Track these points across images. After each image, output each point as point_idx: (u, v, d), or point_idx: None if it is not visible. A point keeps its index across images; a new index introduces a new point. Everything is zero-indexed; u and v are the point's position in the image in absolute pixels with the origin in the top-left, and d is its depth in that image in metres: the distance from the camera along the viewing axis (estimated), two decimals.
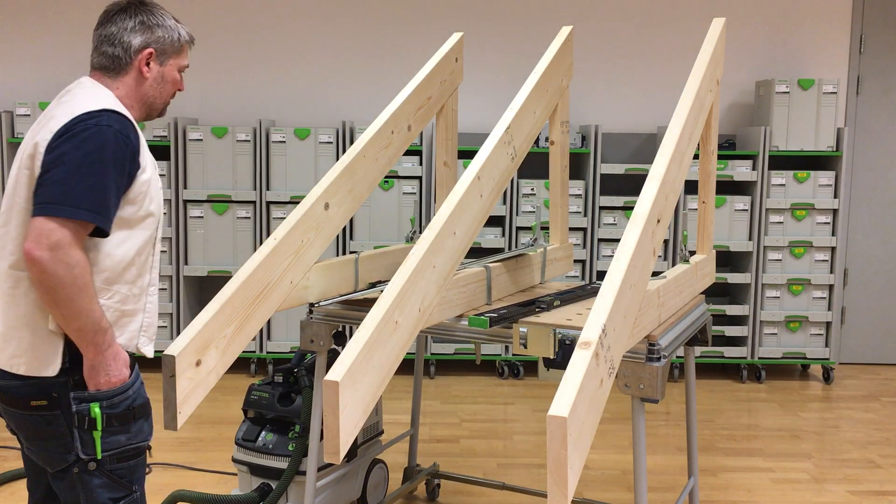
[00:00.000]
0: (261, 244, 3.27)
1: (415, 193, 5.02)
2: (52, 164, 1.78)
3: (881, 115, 5.53)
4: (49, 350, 1.86)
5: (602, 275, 5.08)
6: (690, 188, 5.01)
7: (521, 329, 2.22)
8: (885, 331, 5.65)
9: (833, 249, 5.13)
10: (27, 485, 2.11)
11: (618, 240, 5.03)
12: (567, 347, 2.15)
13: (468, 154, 4.63)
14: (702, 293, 2.81)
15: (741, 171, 5.06)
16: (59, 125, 1.82)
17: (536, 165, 4.81)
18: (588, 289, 2.76)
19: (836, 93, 5.04)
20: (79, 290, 1.78)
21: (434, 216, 2.17)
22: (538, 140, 5.00)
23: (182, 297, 5.05)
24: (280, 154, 4.99)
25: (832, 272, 5.14)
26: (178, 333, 4.89)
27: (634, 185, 5.20)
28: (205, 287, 5.31)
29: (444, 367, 5.33)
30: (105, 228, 1.82)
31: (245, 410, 3.15)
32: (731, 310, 5.15)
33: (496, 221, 5.13)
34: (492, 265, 2.62)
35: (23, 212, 1.85)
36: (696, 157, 2.73)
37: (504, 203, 5.02)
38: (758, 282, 5.11)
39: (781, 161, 5.27)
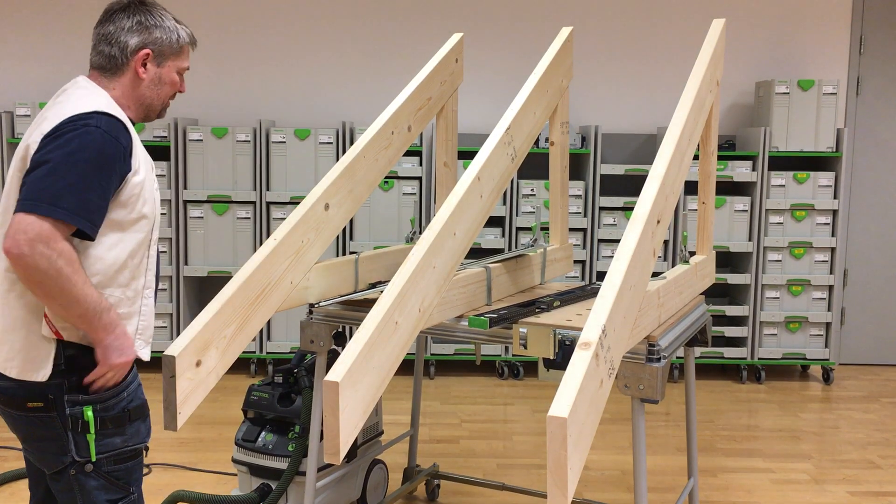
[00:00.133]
0: (261, 245, 3.27)
1: (415, 194, 5.02)
2: (36, 164, 1.78)
3: (881, 116, 5.53)
4: (40, 354, 1.85)
5: (602, 275, 5.08)
6: (690, 189, 5.02)
7: (521, 330, 2.22)
8: (885, 331, 5.65)
9: (833, 250, 5.13)
10: (29, 484, 2.11)
11: (618, 240, 5.04)
12: (567, 348, 2.15)
13: (468, 155, 4.63)
14: (702, 294, 2.81)
15: (741, 172, 5.07)
16: (51, 126, 1.81)
17: (536, 166, 4.81)
18: (588, 289, 2.76)
19: (836, 93, 5.04)
20: (67, 280, 1.75)
21: (434, 217, 2.17)
22: (538, 140, 5.00)
23: (182, 298, 5.05)
24: (280, 154, 4.99)
25: (832, 273, 5.14)
26: (178, 334, 4.89)
27: (634, 186, 5.20)
28: (205, 287, 5.31)
29: (444, 368, 5.34)
30: (85, 230, 1.78)
31: (245, 411, 3.15)
32: (731, 310, 5.15)
33: (496, 222, 5.13)
34: (492, 266, 2.62)
35: None
36: (696, 158, 2.73)
37: (504, 203, 5.03)
38: (757, 282, 5.11)
39: (781, 162, 5.27)
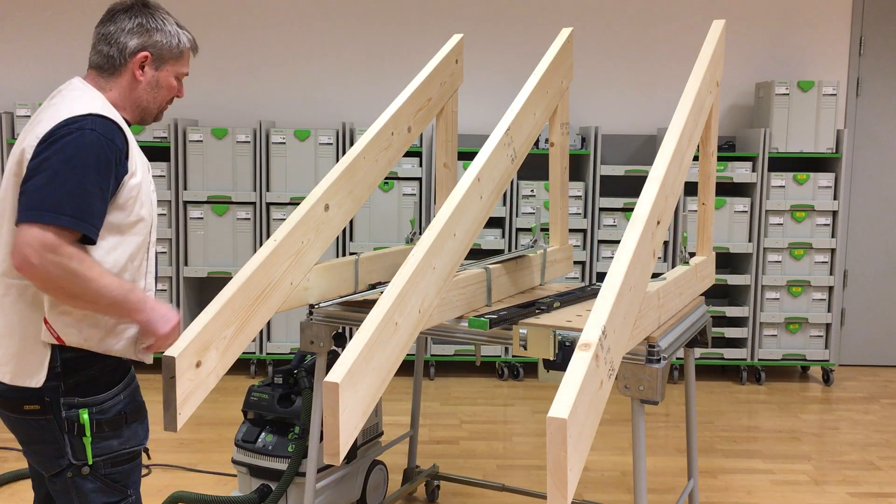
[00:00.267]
0: (261, 245, 3.27)
1: (415, 195, 5.02)
2: (34, 171, 1.75)
3: (881, 117, 5.53)
4: (34, 361, 1.83)
5: (602, 276, 5.08)
6: (690, 190, 5.02)
7: (521, 330, 2.22)
8: (885, 332, 5.65)
9: (833, 251, 5.13)
10: (32, 484, 2.11)
11: (618, 241, 5.04)
12: (567, 349, 2.15)
13: (468, 155, 4.64)
14: (701, 295, 2.81)
15: (741, 173, 5.07)
16: (45, 130, 1.78)
17: (536, 167, 4.81)
18: (588, 290, 2.76)
19: (836, 94, 5.04)
20: (84, 278, 1.73)
21: (434, 217, 2.17)
22: (538, 141, 5.00)
23: (182, 299, 5.05)
24: (280, 155, 4.99)
25: (832, 274, 5.14)
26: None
27: (634, 187, 5.20)
28: (205, 288, 5.31)
29: (444, 369, 5.34)
30: (90, 235, 1.76)
31: (245, 412, 3.15)
32: (731, 311, 5.15)
33: (496, 223, 5.13)
34: (492, 266, 2.62)
35: (13, 219, 1.81)
36: (696, 159, 2.73)
37: (504, 204, 5.03)
38: (757, 283, 5.12)
39: (781, 163, 5.27)
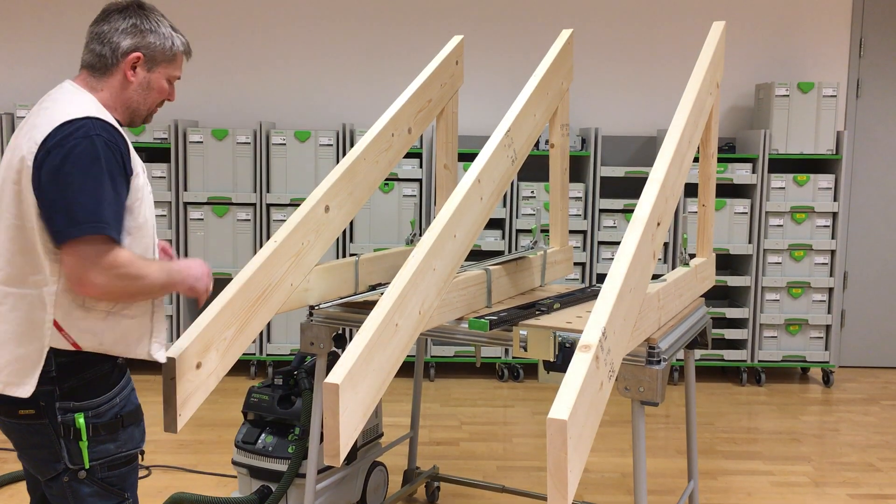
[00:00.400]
0: (261, 246, 3.27)
1: (415, 196, 5.02)
2: (54, 187, 1.74)
3: (881, 119, 5.54)
4: (26, 369, 1.82)
5: (602, 278, 5.08)
6: (690, 191, 5.01)
7: (522, 332, 2.22)
8: (885, 334, 5.65)
9: (833, 252, 5.13)
10: (27, 487, 2.10)
11: (618, 243, 5.04)
12: (567, 350, 2.15)
13: (468, 157, 4.64)
14: (702, 296, 2.81)
15: (741, 174, 5.07)
16: (44, 135, 1.77)
17: (536, 168, 4.81)
18: (588, 292, 2.76)
19: (836, 96, 5.04)
20: (140, 279, 1.80)
21: (434, 219, 2.18)
22: (538, 143, 5.00)
23: (182, 300, 5.05)
24: (280, 156, 4.99)
25: (832, 275, 5.14)
26: (179, 336, 4.88)
27: (634, 188, 5.20)
28: None
29: (444, 370, 5.33)
30: (121, 240, 1.79)
31: (245, 413, 3.15)
32: (731, 313, 5.15)
33: (496, 224, 5.13)
34: (492, 268, 2.62)
35: (11, 227, 1.80)
36: (696, 160, 2.73)
37: (504, 206, 5.03)
38: (757, 285, 5.12)
39: (781, 164, 5.27)
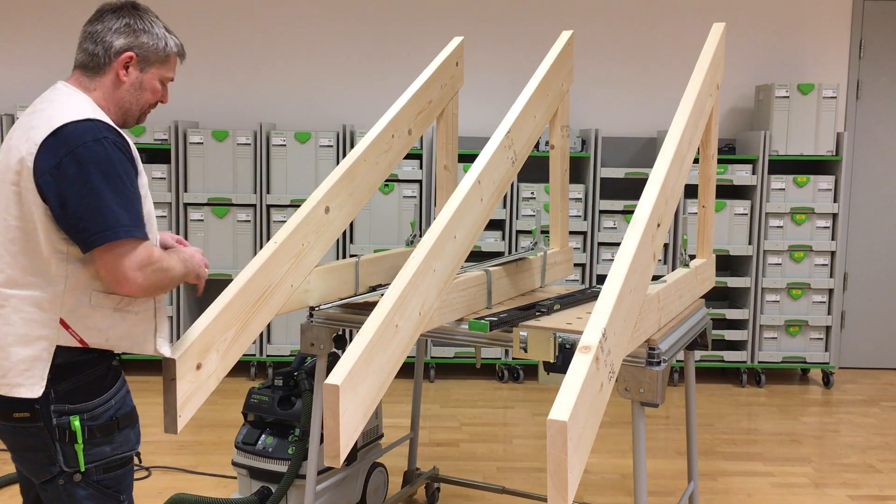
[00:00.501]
0: (261, 248, 3.27)
1: (415, 197, 5.02)
2: (77, 196, 1.74)
3: (881, 120, 5.54)
4: (35, 370, 1.81)
5: (602, 279, 5.08)
6: (690, 192, 5.02)
7: (522, 333, 2.22)
8: (885, 335, 5.65)
9: (833, 254, 5.14)
10: (20, 490, 2.10)
11: (618, 244, 5.04)
12: (567, 351, 2.15)
13: (468, 158, 4.64)
14: (702, 297, 2.82)
15: (741, 176, 5.07)
16: (43, 136, 1.76)
17: (537, 169, 4.81)
18: (588, 293, 2.76)
19: (836, 97, 5.05)
20: (169, 272, 1.87)
21: (434, 220, 2.18)
22: (538, 144, 5.00)
23: (182, 300, 5.05)
24: (280, 157, 5.00)
25: (832, 276, 5.14)
26: (179, 337, 4.88)
27: (634, 189, 5.20)
28: (205, 290, 5.29)
29: (444, 371, 5.33)
30: (146, 237, 1.83)
31: (245, 414, 3.15)
32: (731, 314, 5.15)
33: (496, 225, 5.13)
34: (492, 269, 2.62)
35: (12, 229, 1.80)
36: (696, 162, 2.73)
37: (504, 207, 5.03)
38: (757, 286, 5.12)
39: (781, 165, 5.27)
